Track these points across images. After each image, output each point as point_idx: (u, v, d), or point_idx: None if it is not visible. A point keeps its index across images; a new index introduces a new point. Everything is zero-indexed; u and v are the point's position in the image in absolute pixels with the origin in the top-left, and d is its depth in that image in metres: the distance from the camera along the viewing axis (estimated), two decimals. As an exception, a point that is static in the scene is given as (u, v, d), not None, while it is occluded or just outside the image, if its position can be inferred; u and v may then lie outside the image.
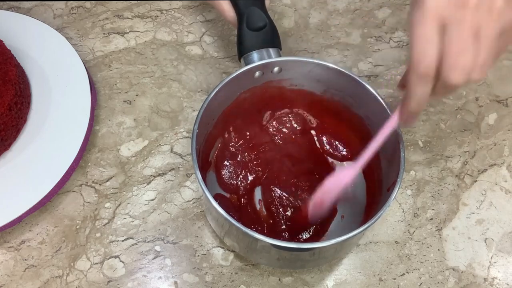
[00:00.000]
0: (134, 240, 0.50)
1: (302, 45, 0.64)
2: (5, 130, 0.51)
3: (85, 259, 0.49)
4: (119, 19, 0.66)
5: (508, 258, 0.50)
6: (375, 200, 0.47)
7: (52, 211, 0.52)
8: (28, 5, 0.66)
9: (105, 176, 0.54)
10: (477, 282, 0.49)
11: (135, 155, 0.55)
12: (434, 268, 0.49)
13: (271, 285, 0.48)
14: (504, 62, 0.63)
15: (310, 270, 0.49)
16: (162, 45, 0.63)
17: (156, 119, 0.58)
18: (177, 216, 0.52)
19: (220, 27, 0.65)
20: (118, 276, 0.48)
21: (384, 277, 0.49)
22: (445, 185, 0.54)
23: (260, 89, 0.50)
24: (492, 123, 0.59)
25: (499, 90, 0.61)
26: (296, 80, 0.50)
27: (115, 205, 0.52)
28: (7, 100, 0.50)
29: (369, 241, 0.51)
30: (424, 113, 0.59)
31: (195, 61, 0.62)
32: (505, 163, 0.56)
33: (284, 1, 0.68)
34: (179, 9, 0.67)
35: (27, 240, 0.50)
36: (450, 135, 0.58)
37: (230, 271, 0.49)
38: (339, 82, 0.48)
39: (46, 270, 0.48)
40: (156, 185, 0.54)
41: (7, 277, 0.48)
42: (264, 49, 0.49)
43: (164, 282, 0.48)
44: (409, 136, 0.57)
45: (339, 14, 0.67)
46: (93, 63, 0.62)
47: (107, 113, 0.58)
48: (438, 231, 0.51)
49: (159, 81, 0.60)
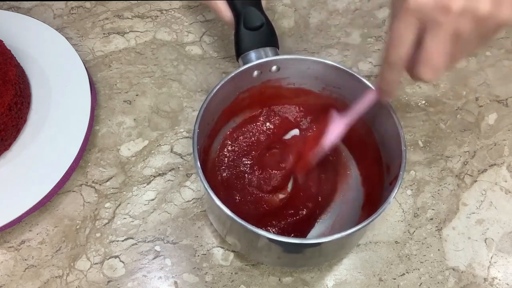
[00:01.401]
0: (134, 240, 0.50)
1: (302, 45, 0.64)
2: (5, 130, 0.51)
3: (85, 259, 0.49)
4: (119, 19, 0.66)
5: (508, 258, 0.50)
6: (374, 197, 0.47)
7: (52, 211, 0.52)
8: (28, 5, 0.66)
9: (105, 176, 0.54)
10: (477, 282, 0.49)
11: (135, 155, 0.55)
12: (434, 268, 0.49)
13: (271, 285, 0.48)
14: (504, 62, 0.63)
15: (310, 270, 0.49)
16: (162, 45, 0.63)
17: (156, 119, 0.58)
18: (177, 216, 0.52)
19: (220, 27, 0.65)
20: (118, 276, 0.48)
21: (384, 277, 0.49)
22: (445, 185, 0.54)
23: (259, 88, 0.50)
24: (492, 123, 0.59)
25: (499, 90, 0.61)
26: (294, 78, 0.50)
27: (115, 205, 0.52)
28: (7, 100, 0.50)
29: (369, 241, 0.51)
30: (424, 113, 0.59)
31: (195, 61, 0.62)
32: (505, 163, 0.56)
33: (284, 1, 0.68)
34: (179, 9, 0.67)
35: (27, 240, 0.50)
36: (450, 135, 0.58)
37: (230, 271, 0.49)
38: (337, 79, 0.48)
39: (46, 270, 0.49)
40: (156, 185, 0.54)
41: (7, 277, 0.48)
42: (262, 49, 0.49)
43: (164, 282, 0.48)
44: (409, 136, 0.57)
45: (339, 14, 0.67)
46: (93, 63, 0.62)
47: (107, 113, 0.58)
48: (438, 231, 0.51)
49: (159, 81, 0.60)
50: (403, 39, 0.35)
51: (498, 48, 0.64)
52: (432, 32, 0.34)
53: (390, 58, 0.37)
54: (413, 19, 0.34)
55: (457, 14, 0.33)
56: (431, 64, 0.35)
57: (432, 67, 0.35)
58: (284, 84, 0.51)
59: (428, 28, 0.34)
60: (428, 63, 0.35)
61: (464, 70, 0.63)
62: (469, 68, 0.63)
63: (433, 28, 0.34)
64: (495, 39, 0.64)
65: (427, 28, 0.34)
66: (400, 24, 0.35)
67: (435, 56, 0.35)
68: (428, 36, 0.34)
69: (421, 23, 0.34)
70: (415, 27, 0.35)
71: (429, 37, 0.34)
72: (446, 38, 0.34)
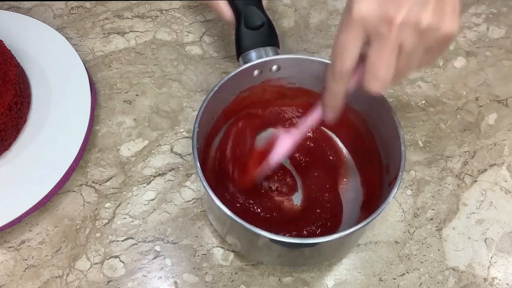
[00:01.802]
0: (134, 240, 0.50)
1: (302, 45, 0.64)
2: (5, 130, 0.51)
3: (85, 259, 0.49)
4: (119, 19, 0.66)
5: (508, 258, 0.50)
6: (373, 197, 0.47)
7: (52, 211, 0.52)
8: (28, 5, 0.66)
9: (105, 176, 0.54)
10: (477, 282, 0.49)
11: (135, 155, 0.55)
12: (434, 268, 0.49)
13: (271, 285, 0.48)
14: (504, 62, 0.63)
15: (310, 270, 0.49)
16: (162, 45, 0.63)
17: (156, 119, 0.58)
18: (177, 216, 0.52)
19: (220, 27, 0.65)
20: (118, 276, 0.48)
21: (384, 277, 0.49)
22: (445, 185, 0.54)
23: (259, 88, 0.50)
24: (492, 123, 0.59)
25: (499, 90, 0.61)
26: (294, 78, 0.50)
27: (115, 205, 0.52)
28: (7, 100, 0.50)
29: (369, 241, 0.51)
30: (424, 113, 0.59)
31: (195, 61, 0.62)
32: (505, 163, 0.56)
33: (284, 1, 0.68)
34: (179, 9, 0.67)
35: (27, 240, 0.50)
36: (450, 135, 0.58)
37: (230, 271, 0.49)
38: None
39: (46, 270, 0.48)
40: (156, 185, 0.54)
41: (7, 277, 0.48)
42: (262, 48, 0.49)
43: (164, 282, 0.48)
44: (409, 136, 0.57)
45: (339, 14, 0.67)
46: (93, 63, 0.62)
47: (107, 113, 0.58)
48: (438, 231, 0.51)
49: (159, 81, 0.60)
50: (348, 50, 0.35)
51: (498, 48, 0.64)
52: (375, 44, 0.34)
53: (334, 69, 0.36)
54: (357, 30, 0.34)
55: (400, 26, 0.33)
56: (376, 76, 0.35)
57: (377, 79, 0.35)
58: (284, 84, 0.51)
59: (372, 40, 0.34)
60: (373, 75, 0.35)
61: (464, 70, 0.63)
62: (469, 68, 0.63)
63: (377, 40, 0.34)
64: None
65: (371, 40, 0.34)
66: (344, 35, 0.35)
67: (379, 68, 0.34)
68: (372, 48, 0.34)
69: (365, 35, 0.34)
70: (360, 39, 0.34)
71: (372, 49, 0.34)
72: (389, 50, 0.34)
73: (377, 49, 0.34)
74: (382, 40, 0.33)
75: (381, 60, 0.34)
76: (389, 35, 0.33)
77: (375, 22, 0.33)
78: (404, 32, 0.33)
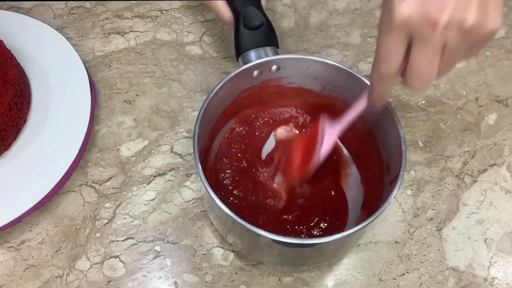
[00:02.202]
0: (134, 240, 0.50)
1: (302, 45, 0.64)
2: (5, 130, 0.51)
3: (85, 259, 0.49)
4: (119, 19, 0.66)
5: (508, 258, 0.50)
6: (374, 197, 0.47)
7: (52, 211, 0.52)
8: (28, 5, 0.66)
9: (105, 176, 0.54)
10: (477, 282, 0.49)
11: (135, 155, 0.55)
12: (434, 268, 0.49)
13: (271, 285, 0.48)
14: (504, 62, 0.63)
15: (310, 270, 0.49)
16: (162, 45, 0.63)
17: (156, 119, 0.58)
18: (177, 216, 0.52)
19: (220, 27, 0.65)
20: (118, 276, 0.48)
21: (384, 277, 0.49)
22: (445, 185, 0.54)
23: (259, 88, 0.50)
24: (492, 123, 0.59)
25: (499, 90, 0.61)
26: (294, 78, 0.50)
27: (115, 205, 0.52)
28: (7, 100, 0.50)
29: (369, 241, 0.51)
30: (424, 113, 0.59)
31: (195, 61, 0.62)
32: (505, 163, 0.56)
33: (284, 1, 0.68)
34: (179, 9, 0.67)
35: (27, 240, 0.50)
36: (450, 135, 0.58)
37: (230, 271, 0.49)
38: (337, 78, 0.48)
39: (46, 270, 0.48)
40: (156, 185, 0.54)
41: (7, 277, 0.48)
42: (262, 48, 0.49)
43: (164, 282, 0.48)
44: (409, 136, 0.57)
45: (339, 14, 0.67)
46: (93, 63, 0.62)
47: (107, 113, 0.58)
48: (438, 231, 0.51)
49: (159, 81, 0.61)
50: (392, 54, 0.35)
51: (498, 48, 0.64)
52: (419, 46, 0.34)
53: (380, 72, 0.37)
54: (400, 33, 0.34)
55: (444, 27, 0.32)
56: (420, 76, 0.35)
57: (421, 78, 0.35)
58: (284, 84, 0.51)
59: (415, 42, 0.34)
60: (417, 74, 0.35)
61: (464, 70, 0.63)
62: (469, 68, 0.63)
63: (420, 41, 0.33)
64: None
65: (414, 42, 0.34)
66: (388, 38, 0.35)
67: (423, 68, 0.35)
68: (415, 49, 0.34)
69: (408, 36, 0.34)
70: (403, 41, 0.34)
71: (416, 51, 0.34)
72: (433, 51, 0.34)
73: (421, 50, 0.34)
74: (426, 42, 0.33)
75: (425, 60, 0.34)
76: (433, 37, 0.33)
77: (419, 24, 0.33)
78: (448, 33, 0.33)
